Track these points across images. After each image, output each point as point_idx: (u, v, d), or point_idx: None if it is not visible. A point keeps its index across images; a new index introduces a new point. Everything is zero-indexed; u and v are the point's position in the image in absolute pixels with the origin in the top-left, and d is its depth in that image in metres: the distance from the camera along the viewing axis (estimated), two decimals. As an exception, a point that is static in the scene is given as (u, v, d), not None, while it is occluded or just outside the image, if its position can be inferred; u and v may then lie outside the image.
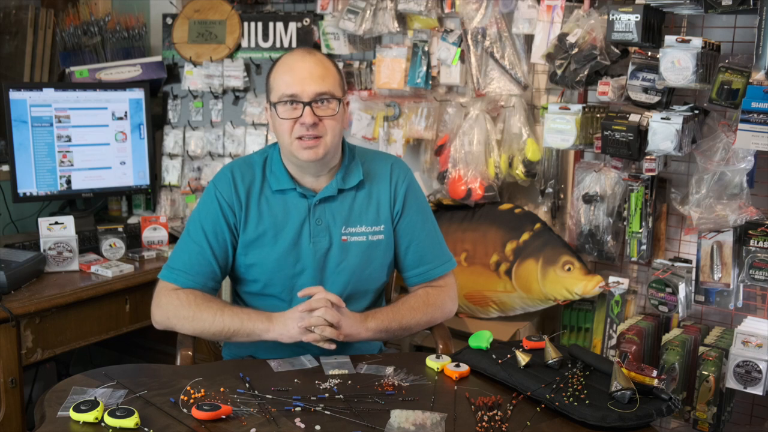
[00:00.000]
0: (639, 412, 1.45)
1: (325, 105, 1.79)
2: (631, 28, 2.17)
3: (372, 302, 1.97)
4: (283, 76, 1.80)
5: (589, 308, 2.54)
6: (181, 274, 1.85)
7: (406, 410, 1.44)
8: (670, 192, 2.35)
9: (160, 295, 1.86)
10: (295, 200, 1.87)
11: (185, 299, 1.81)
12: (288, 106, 1.79)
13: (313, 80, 1.78)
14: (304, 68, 1.79)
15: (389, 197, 1.93)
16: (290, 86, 1.78)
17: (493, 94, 2.64)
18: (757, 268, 2.09)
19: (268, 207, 1.87)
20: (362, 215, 1.90)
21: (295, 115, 1.78)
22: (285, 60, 1.84)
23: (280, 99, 1.79)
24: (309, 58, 1.81)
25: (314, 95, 1.77)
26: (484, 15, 2.60)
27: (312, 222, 1.86)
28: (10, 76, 2.98)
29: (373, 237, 1.90)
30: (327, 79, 1.80)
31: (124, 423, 1.39)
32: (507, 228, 2.59)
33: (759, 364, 2.06)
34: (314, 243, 1.86)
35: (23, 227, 2.94)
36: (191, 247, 1.87)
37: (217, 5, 3.12)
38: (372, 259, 1.91)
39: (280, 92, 1.79)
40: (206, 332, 1.81)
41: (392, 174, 1.94)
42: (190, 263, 1.85)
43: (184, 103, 3.14)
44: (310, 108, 1.77)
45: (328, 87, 1.79)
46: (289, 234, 1.86)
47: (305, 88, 1.77)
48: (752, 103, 1.96)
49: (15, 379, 2.16)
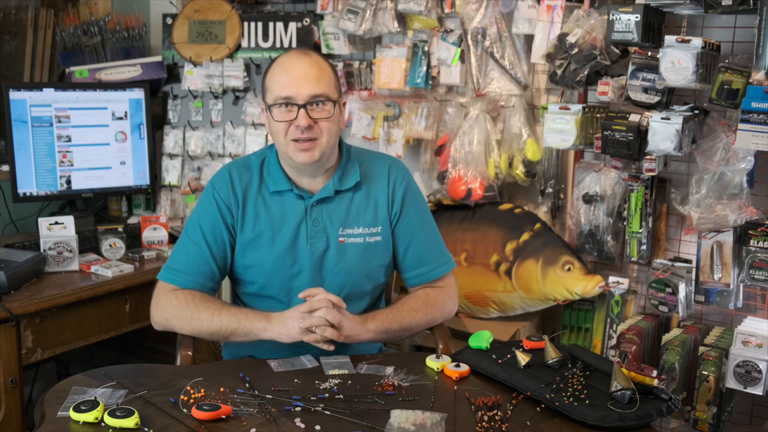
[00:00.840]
0: (639, 412, 1.45)
1: (320, 107, 1.79)
2: (631, 28, 2.17)
3: (371, 304, 1.96)
4: (279, 78, 1.79)
5: (589, 308, 2.54)
6: (179, 274, 1.85)
7: (406, 410, 1.44)
8: (670, 192, 2.35)
9: (159, 296, 1.86)
10: (292, 201, 1.87)
11: (183, 300, 1.81)
12: (283, 108, 1.78)
13: (308, 82, 1.77)
14: (299, 69, 1.78)
15: (387, 198, 1.92)
16: (285, 88, 1.77)
17: (493, 94, 2.64)
18: (757, 268, 2.09)
19: (265, 208, 1.87)
20: (359, 216, 1.89)
21: (289, 117, 1.78)
22: (280, 61, 1.83)
23: (275, 101, 1.79)
24: (304, 60, 1.80)
25: (309, 97, 1.77)
26: (484, 15, 2.60)
27: (309, 223, 1.86)
28: (10, 76, 2.98)
29: (370, 238, 1.90)
30: (322, 80, 1.79)
31: (124, 423, 1.38)
32: (507, 228, 2.59)
33: (759, 364, 2.06)
34: (311, 244, 1.86)
35: (23, 227, 2.94)
36: (190, 247, 1.87)
37: (217, 5, 3.12)
38: (369, 261, 1.91)
39: (275, 94, 1.79)
40: (204, 332, 1.81)
41: (390, 175, 1.94)
42: (188, 264, 1.85)
43: (184, 103, 3.14)
44: (305, 110, 1.76)
45: (323, 89, 1.78)
46: (286, 235, 1.86)
47: (300, 90, 1.76)
48: (752, 103, 1.96)
49: (15, 379, 2.16)
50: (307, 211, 1.86)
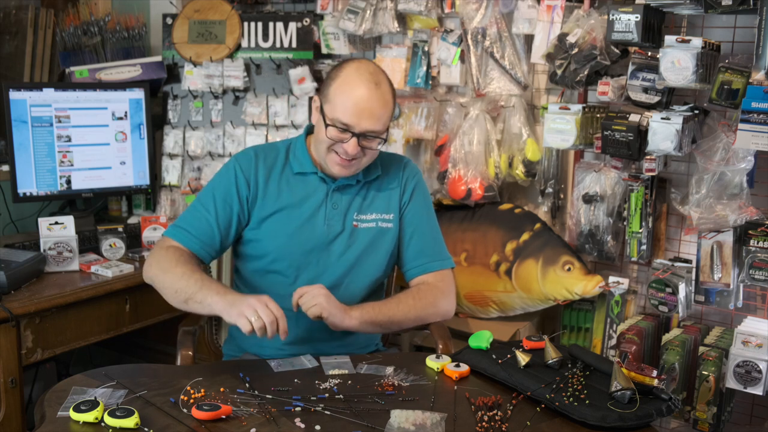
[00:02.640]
0: (639, 412, 1.46)
1: (371, 139, 1.84)
2: (631, 28, 2.17)
3: (368, 295, 1.97)
4: (345, 101, 1.79)
5: (589, 308, 2.54)
6: (181, 231, 1.89)
7: (406, 410, 1.44)
8: (670, 192, 2.35)
9: (156, 248, 1.90)
10: (315, 183, 1.93)
11: (171, 254, 1.84)
12: (338, 129, 1.81)
13: (371, 118, 1.80)
14: (367, 103, 1.79)
15: (399, 189, 1.99)
16: (347, 116, 1.79)
17: (493, 94, 2.64)
18: (757, 268, 2.09)
19: (288, 186, 1.93)
20: (374, 203, 1.96)
21: (340, 138, 1.81)
22: (351, 81, 1.80)
23: (333, 122, 1.80)
24: (375, 92, 1.80)
25: (366, 131, 1.81)
26: (484, 15, 2.60)
27: (329, 206, 1.91)
28: (10, 76, 2.98)
29: (382, 224, 1.96)
30: (383, 118, 1.83)
31: (124, 423, 1.38)
32: (507, 228, 2.59)
33: (759, 364, 2.06)
34: (328, 225, 1.91)
35: (23, 227, 2.94)
36: (198, 209, 1.91)
37: (217, 5, 3.12)
38: (378, 246, 1.95)
39: (335, 115, 1.80)
40: (170, 288, 1.79)
41: (404, 170, 2.02)
42: (192, 224, 1.90)
43: (184, 103, 3.14)
44: (356, 140, 1.80)
45: (381, 126, 1.83)
46: (305, 213, 1.91)
47: (361, 123, 1.79)
48: (752, 103, 1.96)
49: (15, 379, 2.16)
50: (328, 194, 1.92)
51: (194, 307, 1.77)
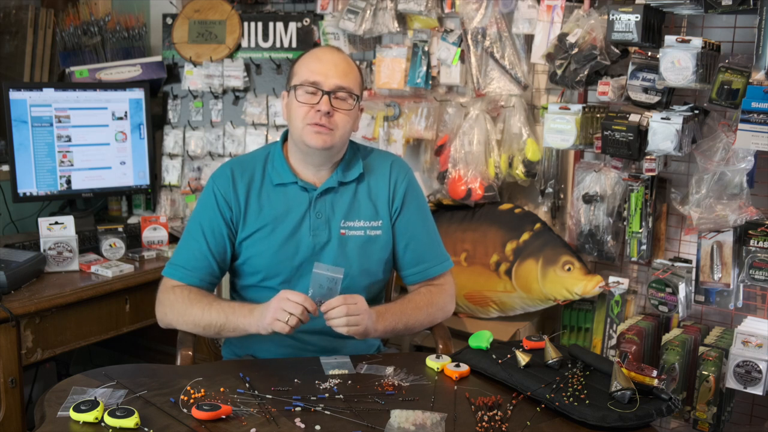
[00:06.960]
0: (639, 412, 1.46)
1: (342, 99, 1.84)
2: (631, 28, 2.17)
3: (369, 301, 1.96)
4: (309, 64, 1.85)
5: (589, 308, 2.54)
6: (179, 269, 1.88)
7: (406, 410, 1.44)
8: (670, 192, 2.35)
9: (161, 292, 1.89)
10: (296, 193, 1.90)
11: (180, 295, 1.84)
12: (308, 91, 1.83)
13: (337, 73, 1.83)
14: (331, 60, 1.85)
15: (388, 194, 1.95)
16: (314, 74, 1.82)
17: (493, 94, 2.64)
18: (757, 268, 2.09)
19: (269, 200, 1.90)
20: (361, 209, 1.92)
21: (312, 101, 1.82)
22: (313, 51, 1.92)
23: (301, 83, 1.83)
24: (337, 53, 1.89)
25: (335, 87, 1.82)
26: (484, 15, 2.60)
27: (312, 215, 1.88)
28: (10, 76, 2.98)
29: (371, 232, 1.92)
30: (350, 75, 1.85)
31: (124, 423, 1.39)
32: (507, 228, 2.59)
33: (759, 364, 2.06)
34: (314, 236, 1.88)
35: (23, 227, 2.94)
36: (190, 244, 1.90)
37: (217, 5, 3.12)
38: (370, 254, 1.92)
39: (303, 77, 1.84)
40: (197, 327, 1.82)
41: (392, 172, 1.97)
42: (188, 260, 1.88)
43: (184, 103, 3.14)
44: (328, 97, 1.81)
45: (349, 83, 1.84)
46: (289, 226, 1.88)
47: (328, 79, 1.82)
48: (752, 103, 1.96)
49: (15, 379, 2.16)
50: (311, 203, 1.89)
51: (229, 335, 1.81)
